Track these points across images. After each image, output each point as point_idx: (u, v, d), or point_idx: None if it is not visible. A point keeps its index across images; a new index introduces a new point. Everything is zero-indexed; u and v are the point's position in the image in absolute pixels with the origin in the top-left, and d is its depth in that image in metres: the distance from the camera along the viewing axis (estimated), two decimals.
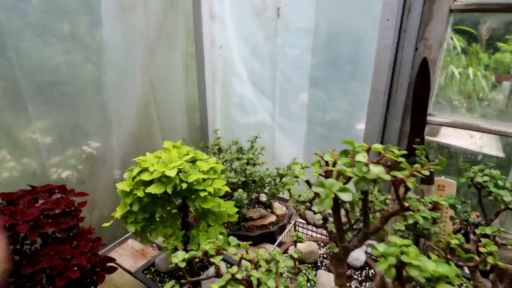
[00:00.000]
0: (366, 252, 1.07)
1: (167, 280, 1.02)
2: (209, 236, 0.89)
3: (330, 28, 1.27)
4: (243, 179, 1.24)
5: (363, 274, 0.99)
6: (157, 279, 1.01)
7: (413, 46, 1.02)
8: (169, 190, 0.78)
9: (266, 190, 1.32)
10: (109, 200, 1.29)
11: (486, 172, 0.78)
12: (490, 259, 0.65)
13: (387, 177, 0.50)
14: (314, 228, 1.21)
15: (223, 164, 1.29)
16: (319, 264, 1.04)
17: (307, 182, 0.74)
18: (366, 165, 0.49)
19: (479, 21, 1.00)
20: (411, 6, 0.97)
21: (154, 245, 1.33)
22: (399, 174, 0.53)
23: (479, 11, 0.96)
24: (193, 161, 0.88)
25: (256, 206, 1.40)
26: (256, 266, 0.61)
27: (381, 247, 0.46)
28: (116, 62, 1.23)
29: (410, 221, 0.77)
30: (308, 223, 0.95)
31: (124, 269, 1.17)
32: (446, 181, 1.09)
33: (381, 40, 1.00)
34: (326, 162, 0.59)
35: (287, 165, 1.27)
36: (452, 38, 2.90)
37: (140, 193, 0.80)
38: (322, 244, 1.14)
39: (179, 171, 0.79)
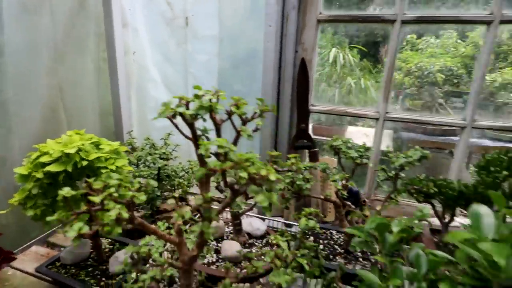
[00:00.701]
0: (268, 226, 1.22)
1: (73, 271, 1.01)
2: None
3: (231, 35, 1.45)
4: (155, 172, 1.31)
5: (263, 241, 1.13)
6: (63, 271, 1.00)
7: (293, 48, 1.25)
8: (69, 168, 0.82)
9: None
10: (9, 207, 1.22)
11: (343, 140, 1.01)
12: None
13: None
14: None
15: (137, 162, 1.34)
16: (224, 238, 1.15)
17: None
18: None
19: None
20: (288, 16, 1.21)
21: (62, 248, 1.29)
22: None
23: (337, 21, 1.24)
24: (96, 145, 0.93)
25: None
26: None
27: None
28: (18, 64, 1.21)
29: (287, 180, 0.94)
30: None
31: (27, 273, 1.11)
32: (329, 159, 1.32)
33: (266, 42, 1.20)
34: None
35: None
36: (347, 55, 3.36)
37: (39, 174, 0.82)
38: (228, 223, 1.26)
39: (79, 150, 0.84)
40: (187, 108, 0.54)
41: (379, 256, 0.61)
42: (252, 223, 1.18)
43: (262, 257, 0.93)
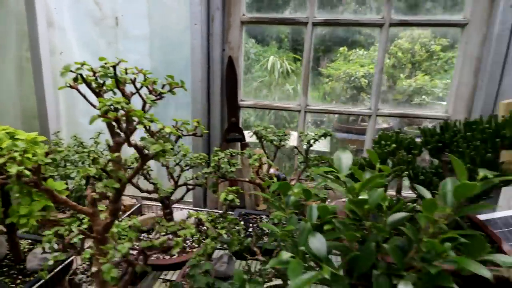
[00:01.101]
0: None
1: None
2: (32, 209, 0.90)
3: (162, 35, 1.49)
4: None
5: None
6: None
7: (220, 47, 1.33)
8: None
9: None
10: None
11: (265, 126, 1.10)
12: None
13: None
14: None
15: (64, 162, 1.29)
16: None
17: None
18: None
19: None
20: (213, 16, 1.30)
21: None
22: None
23: (259, 23, 1.36)
24: (12, 136, 0.90)
25: None
26: None
27: None
28: None
29: (213, 164, 1.00)
30: (141, 190, 1.08)
31: None
32: (260, 151, 1.41)
33: (192, 40, 1.27)
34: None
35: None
36: (284, 63, 3.57)
37: None
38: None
39: None
40: (96, 78, 0.57)
41: (282, 211, 0.69)
42: (186, 214, 1.21)
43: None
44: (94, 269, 0.62)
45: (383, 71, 1.32)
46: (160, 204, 1.12)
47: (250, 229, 1.16)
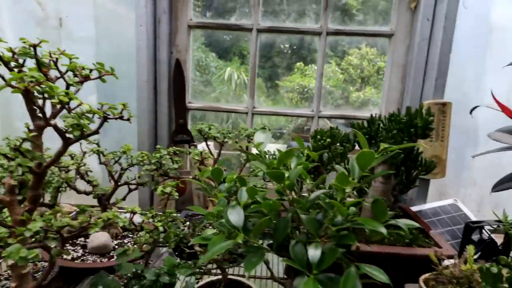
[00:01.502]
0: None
1: None
2: None
3: (109, 37, 1.47)
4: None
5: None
6: None
7: (167, 49, 1.35)
8: None
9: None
10: None
11: (208, 124, 1.12)
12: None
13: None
14: None
15: None
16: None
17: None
18: None
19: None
20: (160, 19, 1.32)
21: None
22: None
23: (206, 28, 1.40)
24: None
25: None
26: None
27: None
28: None
29: (154, 160, 0.99)
30: (78, 191, 1.04)
31: None
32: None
33: (138, 41, 1.28)
34: None
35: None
36: (241, 75, 3.68)
37: None
38: None
39: None
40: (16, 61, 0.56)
41: (214, 196, 0.71)
42: (128, 216, 1.17)
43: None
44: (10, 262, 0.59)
45: (322, 75, 1.41)
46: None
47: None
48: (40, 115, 0.55)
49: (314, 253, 0.47)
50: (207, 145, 1.15)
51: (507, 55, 1.49)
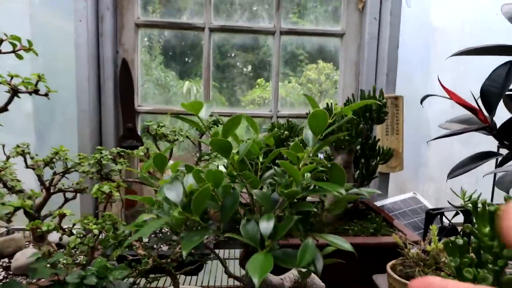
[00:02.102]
0: None
1: None
2: None
3: (47, 37, 1.34)
4: None
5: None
6: None
7: (113, 48, 1.25)
8: None
9: None
10: None
11: (157, 122, 1.03)
12: None
13: None
14: None
15: None
16: None
17: None
18: None
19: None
20: (103, 16, 1.23)
21: None
22: None
23: (155, 27, 1.33)
24: None
25: None
26: None
27: None
28: None
29: (92, 161, 0.87)
30: None
31: None
32: None
33: (76, 38, 1.17)
34: None
35: None
36: (200, 88, 3.61)
37: None
38: None
39: None
40: None
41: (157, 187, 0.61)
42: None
43: None
44: None
45: (278, 74, 1.39)
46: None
47: (152, 235, 1.02)
48: None
49: (266, 225, 0.40)
50: (157, 146, 1.05)
51: (448, 54, 1.60)
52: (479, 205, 0.57)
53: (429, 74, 1.56)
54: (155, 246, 0.77)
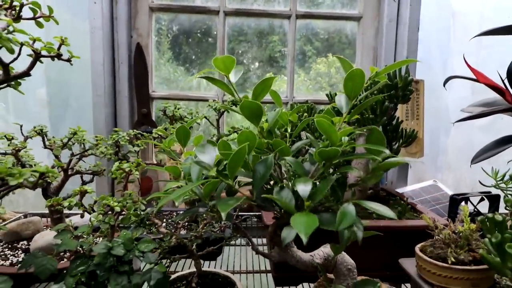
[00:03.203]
0: None
1: None
2: None
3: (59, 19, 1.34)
4: None
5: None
6: None
7: (127, 32, 1.24)
8: None
9: None
10: None
11: (174, 104, 1.01)
12: None
13: None
14: None
15: None
16: None
17: None
18: None
19: None
20: None
21: None
22: None
23: (169, 10, 1.31)
24: None
25: None
26: None
27: None
28: None
29: (110, 141, 0.86)
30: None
31: None
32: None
33: (92, 20, 1.16)
34: None
35: None
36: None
37: None
38: None
39: None
40: None
41: (179, 160, 0.60)
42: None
43: None
44: None
45: (294, 59, 1.37)
46: None
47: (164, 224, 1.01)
48: None
49: (304, 187, 0.38)
50: (174, 128, 1.03)
51: (468, 38, 1.55)
52: None
53: (448, 59, 1.51)
54: (179, 221, 0.75)
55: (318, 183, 0.44)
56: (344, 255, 0.58)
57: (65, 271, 0.45)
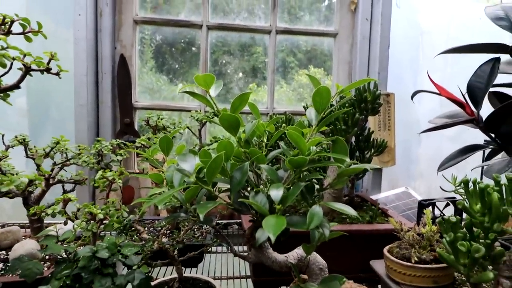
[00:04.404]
0: None
1: None
2: None
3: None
4: None
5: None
6: None
7: (111, 44, 1.27)
8: None
9: None
10: None
11: (156, 114, 1.04)
12: None
13: None
14: None
15: None
16: None
17: None
18: None
19: None
20: (102, 11, 1.24)
21: None
22: None
23: (153, 23, 1.35)
24: None
25: None
26: None
27: None
28: None
29: (93, 150, 0.88)
30: None
31: None
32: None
33: (76, 31, 1.18)
34: None
35: None
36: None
37: None
38: None
39: None
40: None
41: (162, 168, 0.63)
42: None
43: None
44: None
45: (274, 72, 1.43)
46: None
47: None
48: None
49: (276, 192, 0.42)
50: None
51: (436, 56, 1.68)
52: (470, 184, 0.61)
53: (418, 74, 1.62)
54: (160, 228, 0.78)
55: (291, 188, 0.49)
56: (316, 255, 0.63)
57: (50, 275, 0.47)
